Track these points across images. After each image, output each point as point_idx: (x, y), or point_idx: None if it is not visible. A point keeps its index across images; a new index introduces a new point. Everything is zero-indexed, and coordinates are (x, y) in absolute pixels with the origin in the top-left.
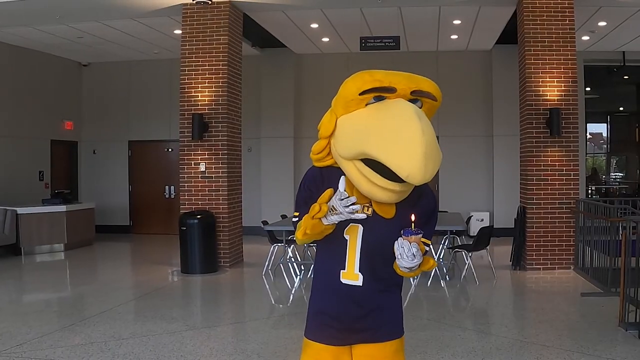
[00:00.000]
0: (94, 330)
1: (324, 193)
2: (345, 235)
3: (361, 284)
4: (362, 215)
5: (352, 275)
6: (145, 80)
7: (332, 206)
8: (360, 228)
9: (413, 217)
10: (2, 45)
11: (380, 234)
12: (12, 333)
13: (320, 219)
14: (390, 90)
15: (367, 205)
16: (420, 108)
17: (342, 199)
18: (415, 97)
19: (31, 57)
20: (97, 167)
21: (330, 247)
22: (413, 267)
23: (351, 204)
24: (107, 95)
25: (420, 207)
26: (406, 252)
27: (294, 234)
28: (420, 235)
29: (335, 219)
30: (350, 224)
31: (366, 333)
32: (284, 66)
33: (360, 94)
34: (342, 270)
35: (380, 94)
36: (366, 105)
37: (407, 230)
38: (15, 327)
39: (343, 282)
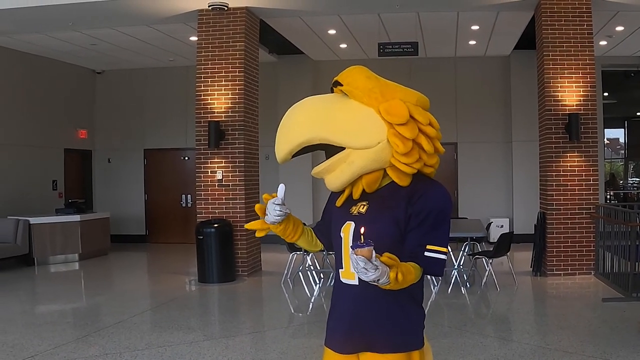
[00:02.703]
0: (108, 341)
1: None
2: (341, 234)
3: (357, 283)
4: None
5: (348, 274)
6: (160, 88)
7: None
8: (352, 225)
9: (362, 230)
10: (15, 53)
11: (368, 231)
12: (24, 345)
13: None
14: (337, 84)
15: (364, 204)
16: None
17: (276, 204)
18: (337, 87)
19: (44, 64)
20: (112, 176)
21: (334, 246)
22: (379, 281)
23: (277, 212)
24: (122, 103)
25: (417, 205)
26: (354, 266)
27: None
28: (371, 248)
29: (267, 218)
30: (346, 221)
31: (367, 340)
32: (301, 73)
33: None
34: (340, 270)
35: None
36: None
37: (355, 243)
38: (27, 339)
39: (343, 281)
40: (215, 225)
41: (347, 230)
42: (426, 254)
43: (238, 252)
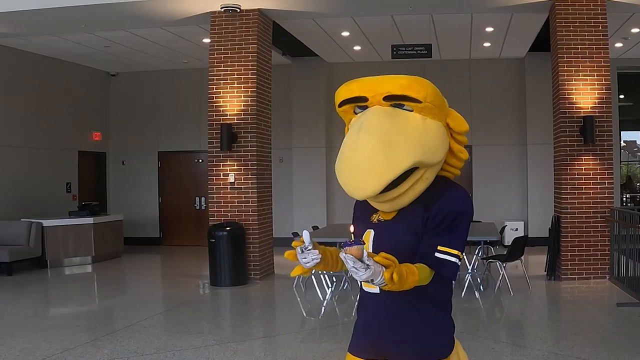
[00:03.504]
0: (117, 345)
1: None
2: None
3: (378, 291)
4: (312, 263)
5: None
6: (174, 90)
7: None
8: (372, 233)
9: (351, 228)
10: (29, 55)
11: (385, 238)
12: (32, 348)
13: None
14: (362, 99)
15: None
16: (411, 112)
17: (302, 252)
18: (391, 102)
19: (58, 67)
20: (126, 178)
21: None
22: (373, 281)
23: (309, 258)
24: (136, 106)
25: (434, 209)
26: (346, 265)
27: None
28: (360, 247)
29: (303, 264)
30: (367, 229)
31: (389, 348)
32: (315, 75)
33: (339, 107)
34: None
35: (356, 104)
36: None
37: (346, 242)
38: (35, 343)
39: (365, 290)
40: (228, 228)
41: (367, 239)
42: (436, 254)
43: (250, 256)
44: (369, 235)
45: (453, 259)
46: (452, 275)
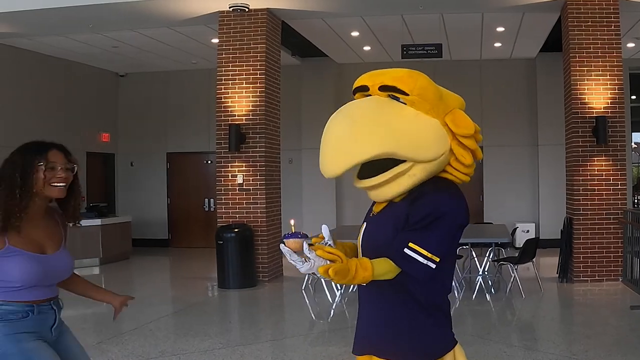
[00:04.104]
0: (121, 348)
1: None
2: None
3: (365, 284)
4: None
5: None
6: (183, 91)
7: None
8: (364, 226)
9: (292, 222)
10: (37, 55)
11: (370, 232)
12: None
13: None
14: (365, 88)
15: (383, 205)
16: (403, 103)
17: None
18: (386, 93)
19: (67, 67)
20: (134, 179)
21: None
22: (316, 275)
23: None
24: (145, 106)
25: (416, 206)
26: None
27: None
28: (301, 240)
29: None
30: (364, 222)
31: (374, 344)
32: (325, 76)
33: (353, 95)
34: None
35: (360, 93)
36: None
37: (285, 234)
38: None
39: (360, 286)
40: (236, 230)
41: (361, 231)
42: (405, 250)
43: (259, 258)
44: (362, 228)
45: (421, 259)
46: (418, 274)
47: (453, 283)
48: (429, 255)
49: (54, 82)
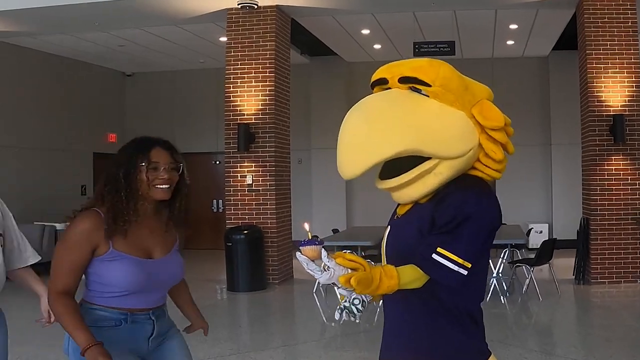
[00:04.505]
0: None
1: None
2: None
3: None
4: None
5: None
6: (191, 90)
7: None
8: (388, 230)
9: (307, 226)
10: (43, 54)
11: (394, 235)
12: (37, 356)
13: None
14: (384, 81)
15: (408, 206)
16: (426, 95)
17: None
18: (407, 85)
19: (73, 67)
20: None
21: None
22: (336, 286)
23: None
24: (152, 106)
25: (442, 208)
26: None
27: (346, 249)
28: (319, 247)
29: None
30: (388, 225)
31: (395, 353)
32: (334, 75)
33: (372, 89)
34: None
35: (379, 87)
36: None
37: (301, 241)
38: (43, 351)
39: None
40: (245, 231)
41: (384, 237)
42: (433, 255)
43: (269, 260)
44: (385, 233)
45: (451, 265)
46: (449, 282)
47: None
48: (460, 260)
49: (60, 82)
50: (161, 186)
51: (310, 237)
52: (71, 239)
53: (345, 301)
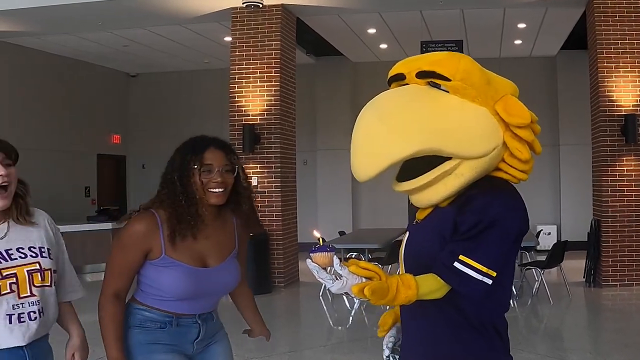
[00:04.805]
0: None
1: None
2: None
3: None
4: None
5: None
6: (196, 91)
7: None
8: (407, 235)
9: (318, 234)
10: (45, 55)
11: (413, 241)
12: None
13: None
14: (401, 77)
15: (429, 210)
16: (445, 91)
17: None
18: (425, 80)
19: (77, 67)
20: (146, 182)
21: None
22: (349, 295)
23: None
24: (157, 107)
25: (465, 212)
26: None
27: (353, 252)
28: (331, 254)
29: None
30: (407, 231)
31: None
32: (340, 75)
33: (389, 86)
34: None
35: (396, 83)
36: None
37: (312, 247)
38: None
39: None
40: (250, 234)
41: (403, 243)
42: (455, 264)
43: (274, 262)
44: (404, 238)
45: (475, 274)
46: (473, 292)
47: None
48: (484, 269)
49: (64, 83)
50: (215, 190)
51: (321, 244)
52: (123, 240)
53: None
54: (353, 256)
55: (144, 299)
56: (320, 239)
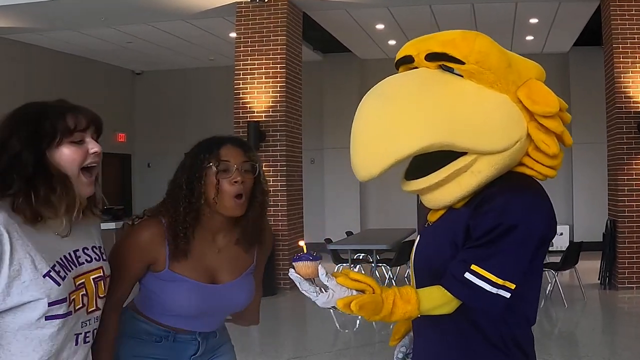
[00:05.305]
0: None
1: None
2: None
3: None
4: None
5: None
6: (201, 89)
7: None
8: (417, 239)
9: (301, 242)
10: (49, 52)
11: (423, 245)
12: None
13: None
14: (409, 59)
15: (441, 212)
16: (459, 76)
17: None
18: (435, 63)
19: (81, 64)
20: (152, 181)
21: None
22: (336, 309)
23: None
24: (162, 105)
25: (478, 216)
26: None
27: (360, 253)
28: (316, 264)
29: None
30: (419, 234)
31: None
32: (347, 72)
33: (397, 70)
34: None
35: (404, 66)
36: None
37: (294, 256)
38: None
39: None
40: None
41: (413, 249)
42: (466, 275)
43: (280, 264)
44: (415, 243)
45: (489, 287)
46: (487, 307)
47: None
48: (499, 281)
49: (68, 80)
50: (233, 196)
51: (305, 251)
52: (122, 250)
53: None
54: (360, 258)
55: (144, 309)
56: (304, 246)
